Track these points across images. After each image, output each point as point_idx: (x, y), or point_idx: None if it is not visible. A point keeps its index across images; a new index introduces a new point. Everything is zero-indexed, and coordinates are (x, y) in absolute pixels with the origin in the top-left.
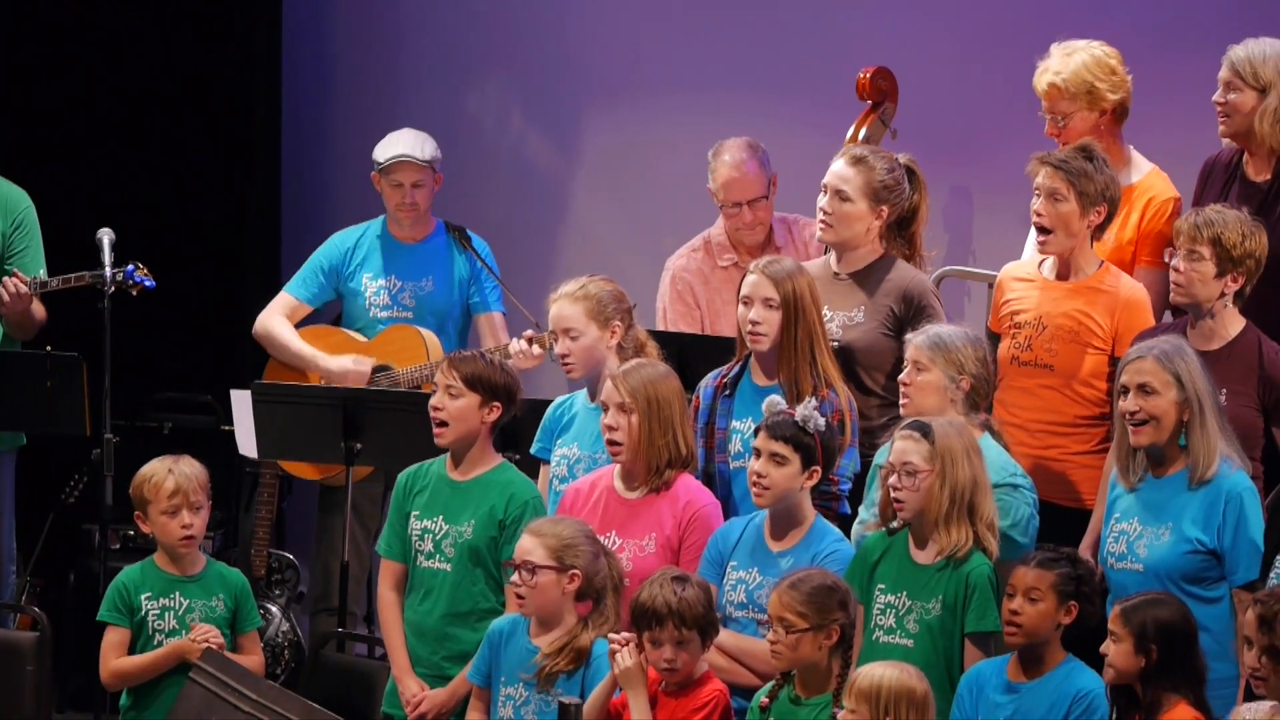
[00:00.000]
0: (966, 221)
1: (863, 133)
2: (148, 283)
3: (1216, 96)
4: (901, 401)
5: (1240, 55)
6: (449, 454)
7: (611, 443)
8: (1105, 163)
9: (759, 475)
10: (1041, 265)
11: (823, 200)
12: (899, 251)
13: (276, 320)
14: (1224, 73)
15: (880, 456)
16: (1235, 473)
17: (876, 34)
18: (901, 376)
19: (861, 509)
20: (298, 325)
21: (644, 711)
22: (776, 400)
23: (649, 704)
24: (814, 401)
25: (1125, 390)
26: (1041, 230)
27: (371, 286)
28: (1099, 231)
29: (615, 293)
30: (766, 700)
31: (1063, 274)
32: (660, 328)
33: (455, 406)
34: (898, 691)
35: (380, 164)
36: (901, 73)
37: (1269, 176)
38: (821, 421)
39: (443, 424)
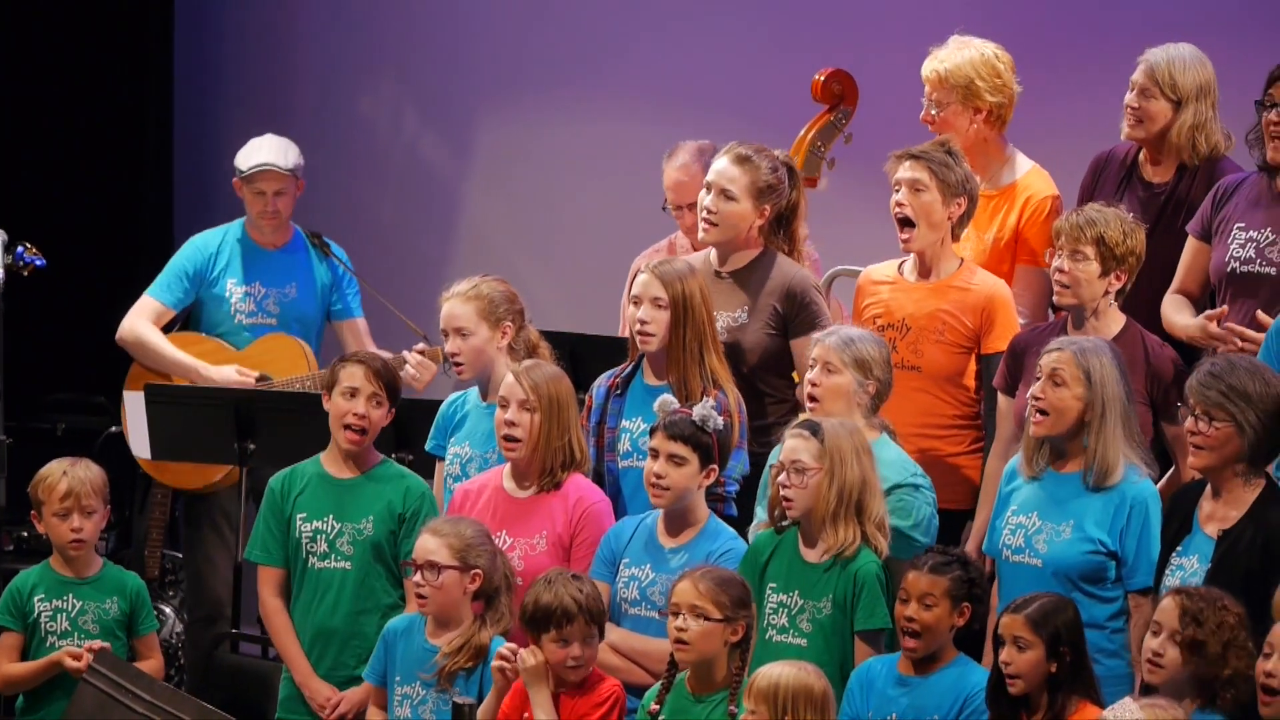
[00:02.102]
0: None
1: (813, 135)
2: (38, 262)
3: (1130, 100)
4: (810, 404)
5: (1160, 63)
6: (324, 454)
7: (510, 439)
8: (963, 158)
9: (658, 476)
10: (901, 266)
11: (706, 199)
12: (778, 246)
13: (146, 326)
14: (1141, 78)
15: (774, 455)
16: (1143, 480)
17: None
18: (810, 376)
19: (757, 508)
20: (165, 330)
21: (550, 710)
22: (669, 400)
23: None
24: (710, 400)
25: (1038, 377)
26: (904, 224)
27: (237, 292)
28: (958, 228)
29: (507, 293)
30: (656, 706)
31: (923, 274)
32: (622, 325)
33: (378, 415)
34: (796, 690)
35: (243, 172)
36: (859, 76)
37: (1169, 179)
38: (720, 420)
39: (362, 432)
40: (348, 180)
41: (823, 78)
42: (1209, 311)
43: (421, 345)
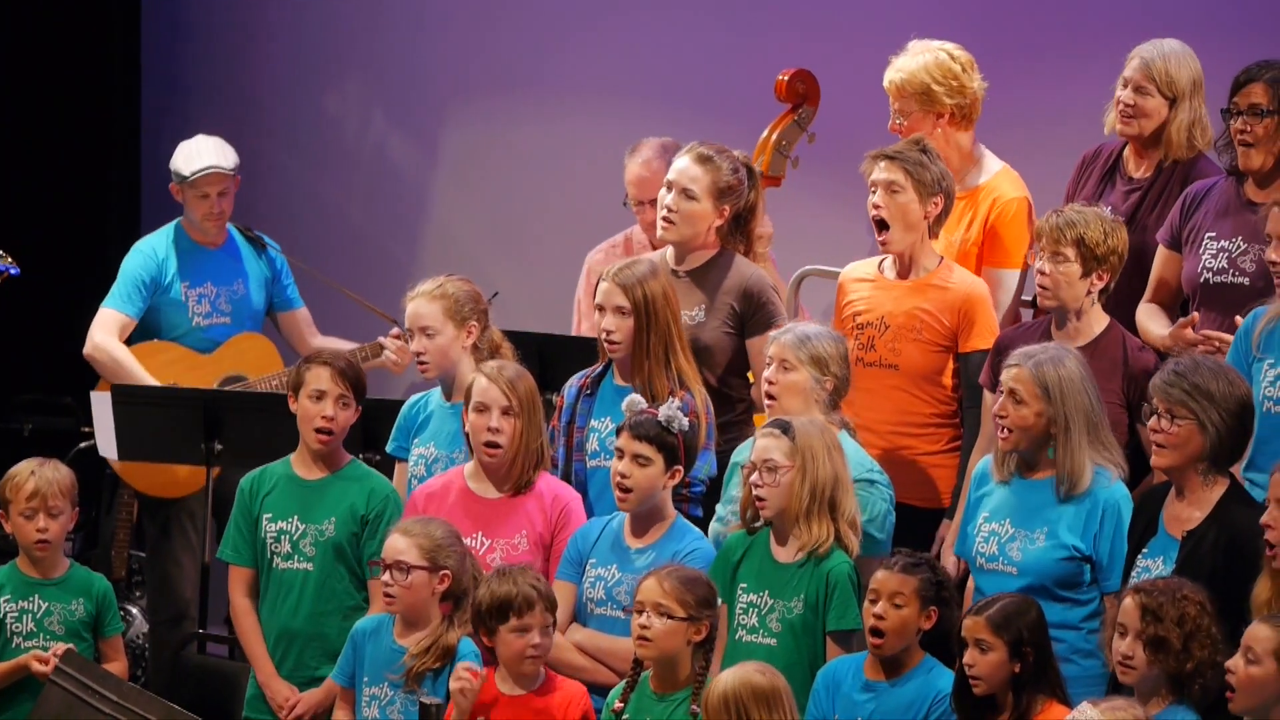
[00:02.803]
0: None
1: (776, 135)
2: (12, 270)
3: (1125, 96)
4: (767, 402)
5: (1155, 59)
6: (294, 454)
7: (493, 445)
8: (937, 156)
9: (622, 476)
10: (881, 265)
11: (667, 197)
12: (734, 246)
13: (114, 343)
14: (1134, 74)
15: (739, 455)
16: (1115, 483)
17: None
18: (767, 374)
19: (719, 506)
20: (129, 341)
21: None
22: (636, 400)
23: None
24: (676, 401)
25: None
26: (880, 226)
27: (192, 295)
28: (935, 226)
29: (472, 293)
30: (620, 705)
31: (902, 272)
32: (575, 321)
33: (345, 416)
34: (741, 691)
35: (187, 177)
36: (822, 75)
37: (1151, 173)
38: (685, 421)
39: (332, 433)
40: (314, 179)
41: (786, 77)
42: (1182, 320)
43: (396, 330)
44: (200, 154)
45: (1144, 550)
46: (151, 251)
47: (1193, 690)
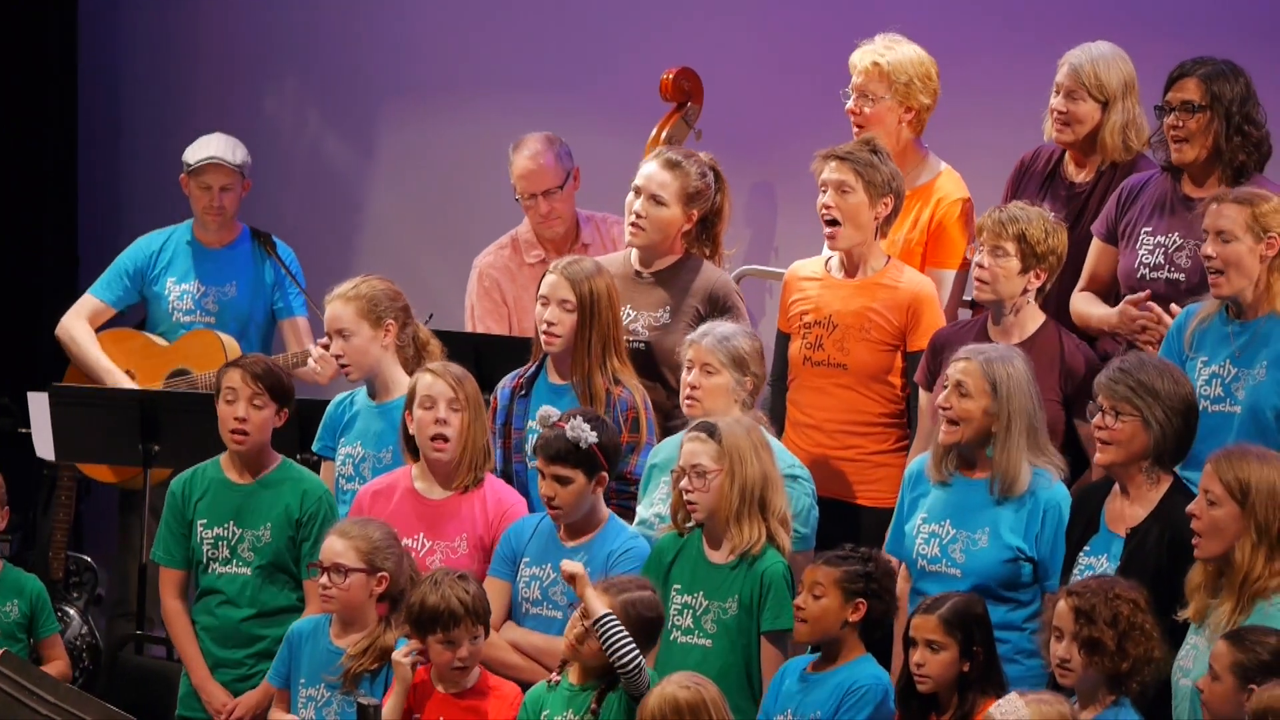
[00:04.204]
0: (771, 220)
1: (665, 133)
2: None
3: (1056, 104)
4: (687, 403)
5: (1084, 64)
6: (224, 456)
7: (440, 439)
8: (888, 156)
9: (549, 498)
10: (829, 263)
11: (636, 203)
12: (700, 251)
13: (79, 326)
14: (1066, 80)
15: (655, 456)
16: (1056, 484)
17: (678, 33)
18: (689, 379)
19: (640, 508)
20: (101, 327)
21: (396, 712)
22: (549, 414)
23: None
24: (580, 418)
25: (945, 386)
26: (830, 225)
27: (175, 291)
28: (885, 225)
29: (389, 292)
30: (557, 677)
31: (850, 271)
32: (469, 326)
33: (261, 417)
34: (664, 708)
35: (190, 165)
36: (706, 72)
37: (1091, 178)
38: (593, 435)
39: (245, 434)
40: (254, 180)
41: (671, 76)
42: (1131, 296)
43: (325, 340)
44: (207, 145)
45: (1085, 548)
46: (147, 243)
47: (1131, 689)
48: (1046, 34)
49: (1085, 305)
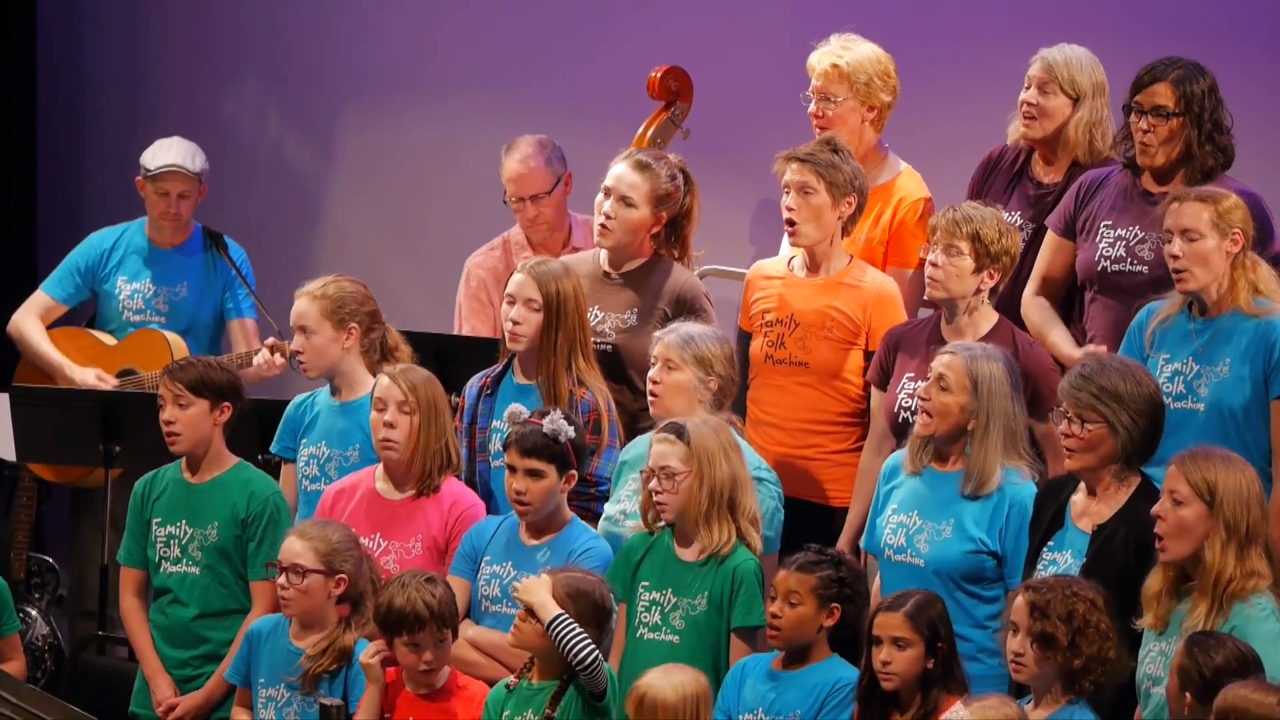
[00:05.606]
0: (768, 221)
1: (651, 132)
2: None
3: (1028, 96)
4: (650, 400)
5: (1058, 60)
6: (184, 458)
7: (388, 441)
8: (850, 154)
9: (519, 492)
10: (791, 262)
11: (606, 204)
12: (669, 253)
13: (30, 321)
14: (1039, 73)
15: (626, 453)
16: (1025, 483)
17: (663, 33)
18: (651, 374)
19: (608, 505)
20: (52, 325)
21: (373, 711)
22: (518, 411)
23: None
24: (558, 412)
25: (925, 378)
26: (793, 225)
27: (126, 290)
28: (849, 225)
29: (358, 295)
30: (515, 680)
31: (813, 270)
32: (457, 325)
33: (188, 415)
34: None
35: (150, 171)
36: (696, 72)
37: (1060, 179)
38: (571, 430)
39: (176, 434)
40: (211, 180)
41: (659, 74)
42: (1089, 348)
43: (271, 340)
44: (167, 151)
45: (1050, 543)
46: (99, 241)
47: (1085, 687)
48: (1010, 34)
49: (1041, 319)
